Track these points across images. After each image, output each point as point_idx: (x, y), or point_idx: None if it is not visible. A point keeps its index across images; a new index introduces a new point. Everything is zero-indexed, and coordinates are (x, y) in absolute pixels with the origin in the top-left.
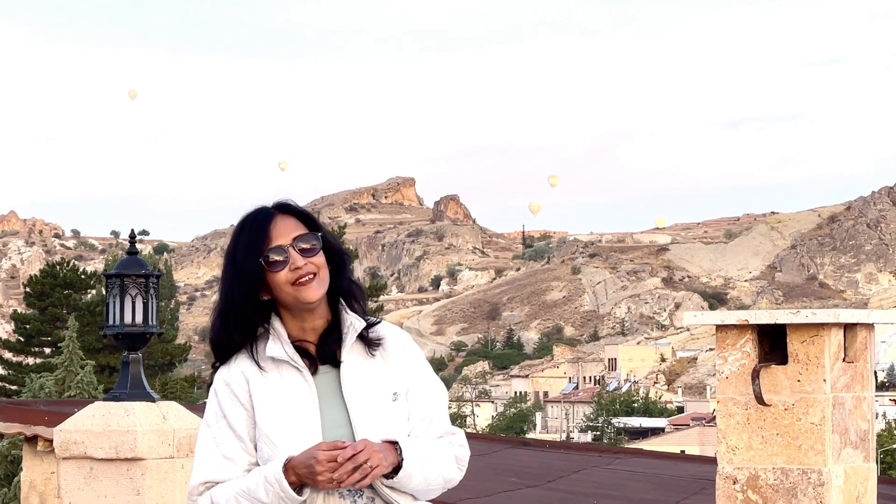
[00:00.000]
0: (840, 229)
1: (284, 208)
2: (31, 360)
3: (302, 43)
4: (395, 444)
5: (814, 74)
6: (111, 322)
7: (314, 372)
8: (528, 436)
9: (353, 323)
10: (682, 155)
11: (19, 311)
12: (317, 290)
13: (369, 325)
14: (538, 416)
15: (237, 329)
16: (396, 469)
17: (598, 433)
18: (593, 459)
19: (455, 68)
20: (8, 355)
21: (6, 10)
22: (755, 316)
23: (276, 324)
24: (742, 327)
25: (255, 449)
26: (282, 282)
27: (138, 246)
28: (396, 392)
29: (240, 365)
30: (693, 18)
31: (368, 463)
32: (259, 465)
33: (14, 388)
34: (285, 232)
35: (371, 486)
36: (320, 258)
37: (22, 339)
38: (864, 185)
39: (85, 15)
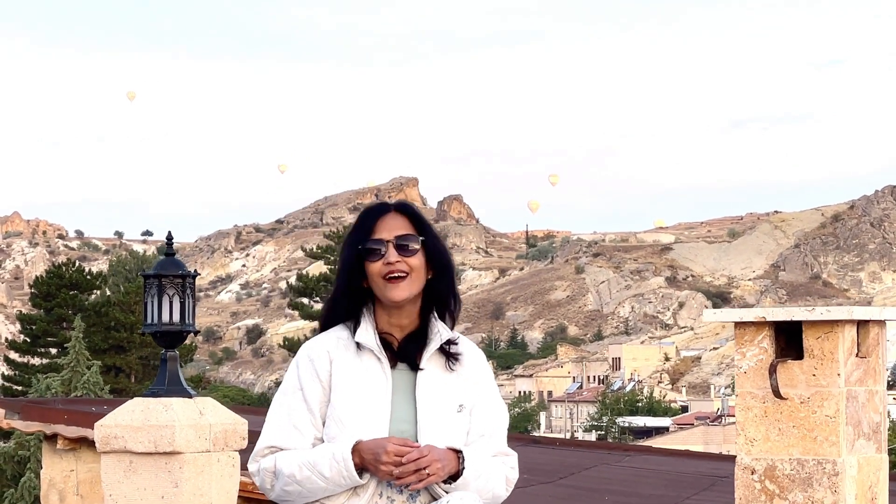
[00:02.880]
0: (843, 228)
1: (400, 207)
2: (37, 361)
3: (304, 44)
4: (458, 452)
5: (817, 75)
6: (149, 321)
7: (392, 366)
8: (532, 435)
9: (440, 332)
10: (686, 155)
11: (24, 311)
12: (404, 290)
13: (452, 342)
14: (542, 416)
15: (340, 310)
16: (455, 476)
17: (603, 433)
18: (603, 457)
19: (458, 69)
20: (14, 356)
21: (9, 16)
22: (772, 313)
23: (368, 313)
24: (759, 324)
25: (324, 425)
26: (374, 273)
27: (141, 247)
28: (462, 405)
29: (326, 344)
30: (696, 19)
31: (427, 470)
32: (323, 441)
33: (20, 388)
34: (390, 228)
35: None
36: (417, 260)
37: (28, 340)
38: (867, 184)
39: (87, 19)
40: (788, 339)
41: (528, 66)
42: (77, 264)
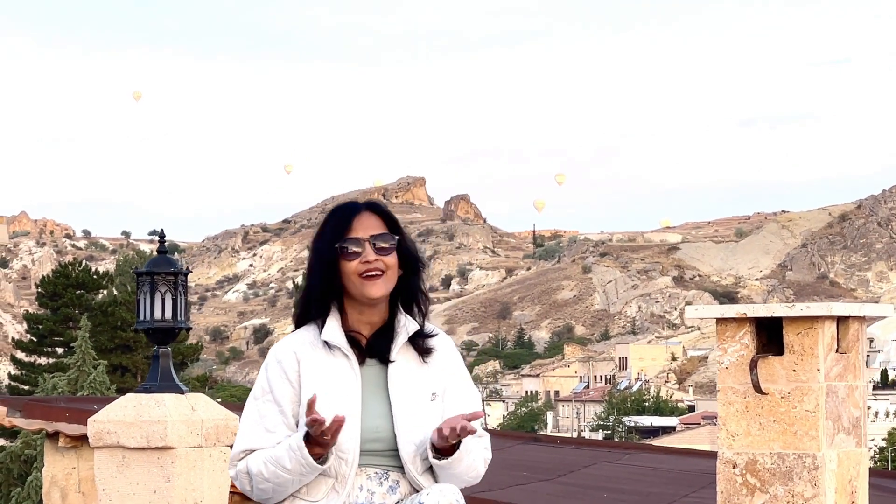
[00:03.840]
0: (851, 228)
1: (372, 207)
2: (43, 360)
3: (310, 43)
4: None
5: (824, 74)
6: (142, 318)
7: (361, 363)
8: (533, 434)
9: (406, 324)
10: (693, 154)
11: (31, 311)
12: (381, 288)
13: (427, 335)
14: (549, 416)
15: (313, 307)
16: (449, 453)
17: (609, 432)
18: (604, 455)
19: (465, 69)
20: (21, 355)
21: (15, 16)
22: (753, 309)
23: (336, 311)
24: (741, 320)
25: (297, 425)
26: (351, 271)
27: (149, 246)
28: (435, 393)
29: (293, 344)
30: (703, 18)
31: (460, 432)
32: None
33: (27, 387)
34: (366, 227)
35: (400, 470)
36: (392, 259)
37: (34, 340)
38: (874, 184)
39: (93, 19)
40: (770, 335)
41: (534, 66)
42: (84, 264)
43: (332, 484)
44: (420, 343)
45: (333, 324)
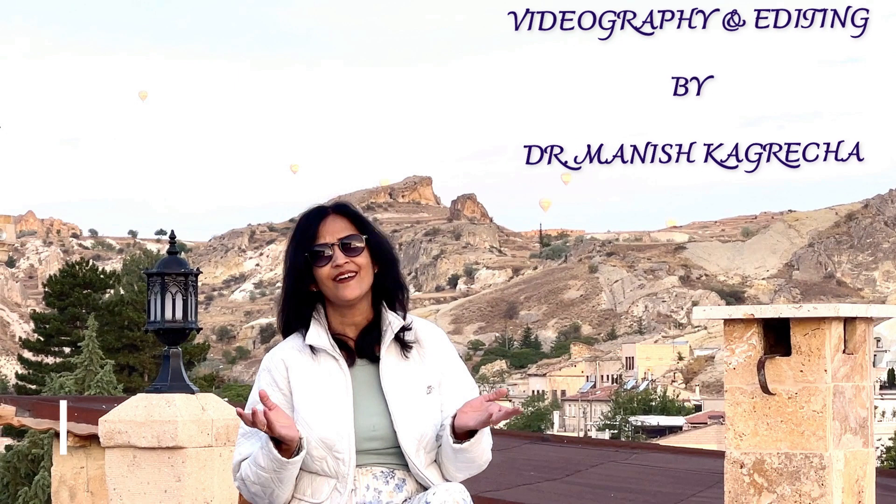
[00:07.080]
0: (858, 227)
1: (339, 209)
2: (50, 360)
3: (317, 43)
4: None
5: (832, 73)
6: (153, 318)
7: (351, 364)
8: (540, 433)
9: (391, 322)
10: (700, 153)
11: (38, 310)
12: (355, 289)
13: (404, 329)
14: (556, 415)
15: (291, 315)
16: (469, 435)
17: (616, 432)
18: (611, 454)
19: (473, 68)
20: (28, 355)
21: (21, 17)
22: (760, 310)
23: (320, 315)
24: (748, 321)
25: None
26: (324, 276)
27: (155, 246)
28: (430, 385)
29: (281, 353)
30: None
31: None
32: None
33: (34, 387)
34: (333, 231)
35: (405, 467)
36: (363, 259)
37: (42, 339)
38: (881, 183)
39: (100, 19)
40: (777, 336)
41: (542, 65)
42: (91, 263)
43: (335, 484)
44: (400, 337)
45: (317, 328)
